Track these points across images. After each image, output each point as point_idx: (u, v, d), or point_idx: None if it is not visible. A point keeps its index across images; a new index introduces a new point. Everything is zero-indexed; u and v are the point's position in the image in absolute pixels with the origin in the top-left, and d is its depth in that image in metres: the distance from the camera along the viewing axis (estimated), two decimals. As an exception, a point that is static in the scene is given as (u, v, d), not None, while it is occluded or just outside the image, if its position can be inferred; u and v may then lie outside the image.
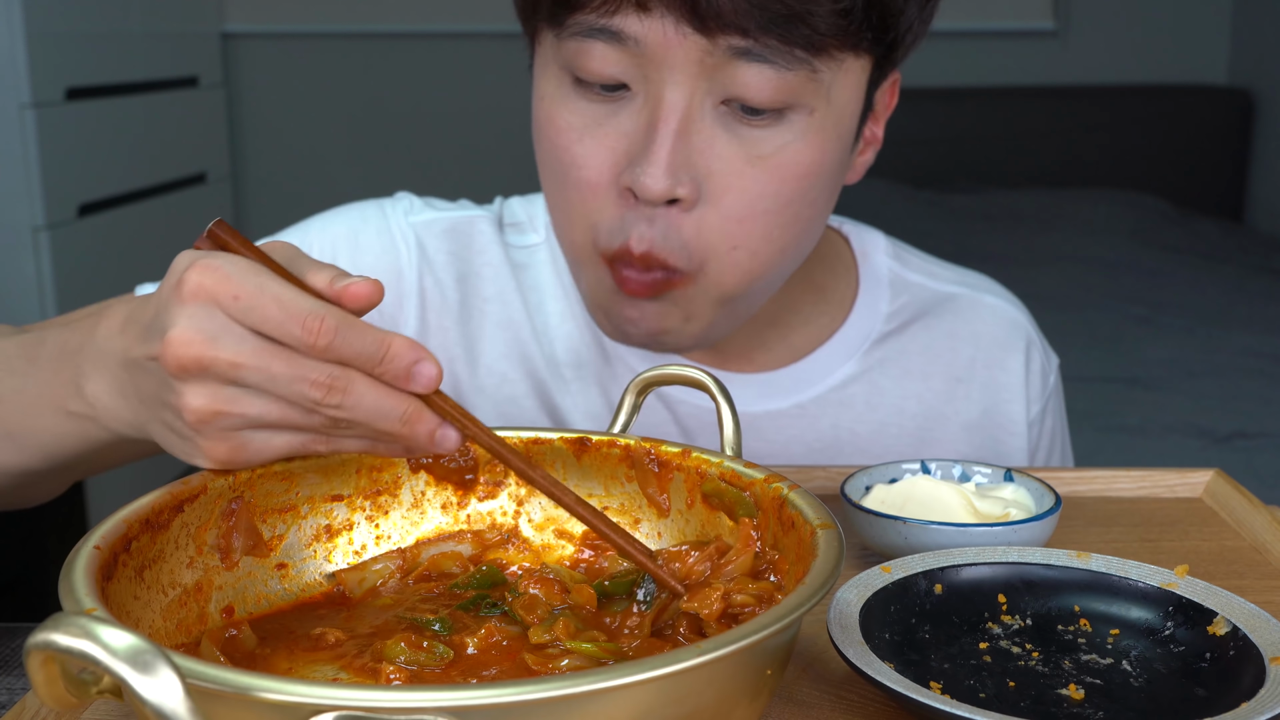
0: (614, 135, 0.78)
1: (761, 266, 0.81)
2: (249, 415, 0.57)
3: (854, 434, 0.96)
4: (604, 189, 0.79)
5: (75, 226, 2.52)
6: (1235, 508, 0.83)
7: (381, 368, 0.56)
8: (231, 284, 0.55)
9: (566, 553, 0.69)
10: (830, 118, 0.78)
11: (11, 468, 0.74)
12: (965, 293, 1.01)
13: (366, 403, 0.56)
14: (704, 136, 0.77)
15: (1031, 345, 1.01)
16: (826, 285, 0.98)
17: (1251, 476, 1.88)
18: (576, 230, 0.81)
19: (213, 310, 0.55)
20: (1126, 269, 2.93)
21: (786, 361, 0.96)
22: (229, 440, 0.58)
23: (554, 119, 0.80)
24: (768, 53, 0.74)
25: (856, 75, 0.79)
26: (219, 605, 0.61)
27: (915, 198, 3.24)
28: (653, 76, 0.76)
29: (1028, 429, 1.00)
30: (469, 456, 0.69)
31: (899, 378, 0.97)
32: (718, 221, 0.78)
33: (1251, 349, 2.44)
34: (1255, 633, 0.58)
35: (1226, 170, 3.55)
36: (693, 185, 0.77)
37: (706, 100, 0.76)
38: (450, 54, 3.49)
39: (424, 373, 0.56)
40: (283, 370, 0.55)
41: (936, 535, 0.71)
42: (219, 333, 0.55)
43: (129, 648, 0.38)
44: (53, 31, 2.45)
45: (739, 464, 0.64)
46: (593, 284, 0.83)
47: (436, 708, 0.41)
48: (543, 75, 0.82)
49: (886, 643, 0.60)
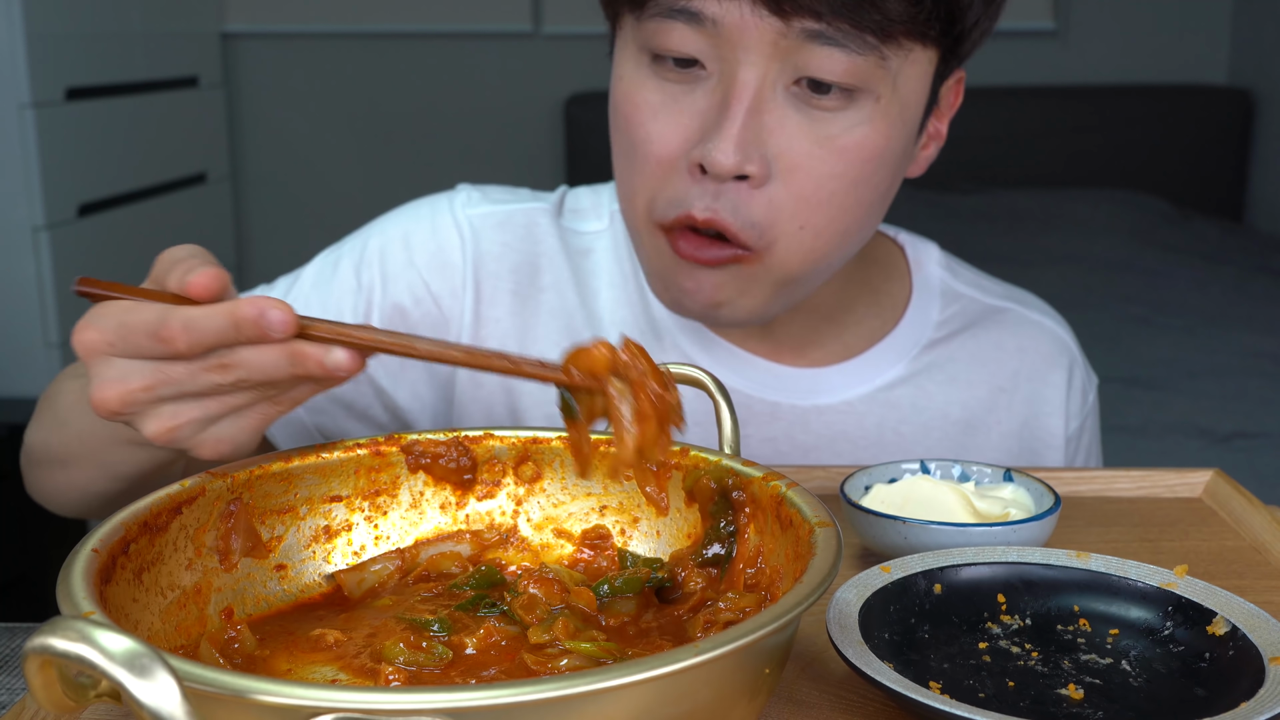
0: (688, 113, 0.81)
1: (825, 247, 0.83)
2: (196, 418, 0.62)
3: (899, 434, 0.98)
4: (674, 164, 0.81)
5: (75, 226, 2.52)
6: (1235, 508, 0.83)
7: (240, 336, 0.59)
8: (100, 333, 0.61)
9: (565, 552, 0.69)
10: (896, 105, 0.81)
11: (96, 489, 0.83)
12: (1014, 308, 1.04)
13: (256, 365, 0.60)
14: (775, 116, 0.79)
15: (1075, 364, 1.04)
16: (881, 289, 1.01)
17: (1251, 476, 1.88)
18: (641, 204, 0.84)
19: (104, 359, 0.61)
20: (1126, 269, 2.93)
21: (839, 358, 0.98)
22: (204, 442, 0.63)
23: (631, 96, 0.83)
24: (840, 36, 0.76)
25: (923, 66, 0.82)
26: (218, 607, 0.61)
27: (915, 198, 3.23)
28: (728, 56, 0.78)
29: (1065, 444, 1.02)
30: (468, 456, 0.69)
31: (945, 384, 0.99)
32: (787, 199, 0.80)
33: (1251, 349, 2.44)
34: (1254, 633, 0.58)
35: (1226, 170, 3.54)
36: (762, 163, 0.79)
37: (779, 81, 0.79)
38: (450, 54, 3.49)
39: (274, 320, 0.59)
40: (181, 373, 0.61)
41: (936, 535, 0.71)
42: (123, 372, 0.61)
43: (126, 651, 0.38)
44: (53, 31, 2.45)
45: (737, 462, 0.64)
46: (652, 254, 0.86)
47: (434, 709, 0.40)
48: (621, 57, 0.85)
49: (886, 643, 0.60)
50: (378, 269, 0.96)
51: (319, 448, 0.66)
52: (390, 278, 0.96)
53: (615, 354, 0.60)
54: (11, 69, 2.36)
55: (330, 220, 2.05)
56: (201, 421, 0.62)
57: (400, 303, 0.96)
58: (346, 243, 1.00)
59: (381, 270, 0.96)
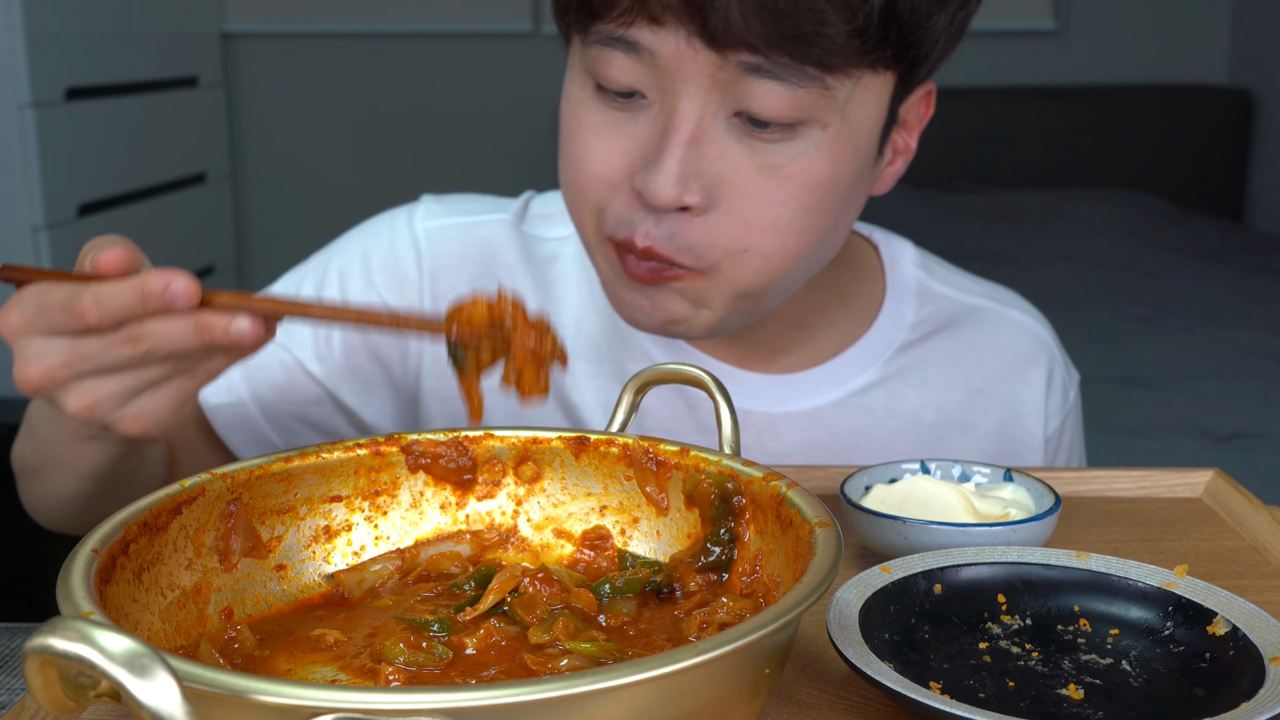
0: (630, 139, 0.80)
1: (775, 270, 0.82)
2: (113, 392, 0.64)
3: (871, 439, 0.97)
4: (617, 184, 0.80)
5: (75, 226, 2.52)
6: (1235, 508, 0.83)
7: (147, 307, 0.62)
8: (20, 314, 0.64)
9: (565, 552, 0.69)
10: (845, 132, 0.79)
11: (66, 492, 0.84)
12: (991, 306, 1.02)
13: (163, 336, 0.63)
14: (716, 146, 0.78)
15: (1054, 361, 1.02)
16: (851, 292, 0.99)
17: (1251, 476, 1.88)
18: (588, 217, 0.83)
19: (26, 338, 0.64)
20: (1126, 269, 2.93)
21: (808, 364, 0.97)
22: (124, 418, 0.65)
23: (576, 116, 0.82)
24: (779, 70, 0.74)
25: (876, 91, 0.79)
26: (218, 607, 0.61)
27: (915, 198, 3.24)
28: (667, 87, 0.77)
29: (1044, 444, 1.01)
30: (467, 456, 0.69)
31: (919, 386, 0.98)
32: (727, 226, 0.79)
33: (1251, 349, 2.44)
34: (1255, 633, 0.58)
35: (1226, 170, 3.55)
36: (703, 193, 0.78)
37: (719, 112, 0.77)
38: (450, 54, 3.49)
39: (178, 291, 0.62)
40: (95, 348, 0.63)
41: (936, 535, 0.71)
42: (43, 350, 0.64)
43: (126, 652, 0.38)
44: (53, 31, 2.45)
45: (737, 462, 0.64)
46: (605, 268, 0.85)
47: (434, 709, 0.40)
48: (570, 77, 0.84)
49: (886, 643, 0.60)
50: (337, 290, 0.97)
51: (319, 448, 0.66)
52: (351, 300, 0.97)
53: (493, 307, 0.64)
54: (11, 69, 2.36)
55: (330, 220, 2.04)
56: (119, 396, 0.64)
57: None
58: (310, 263, 1.01)
59: (342, 292, 0.97)
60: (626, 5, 0.75)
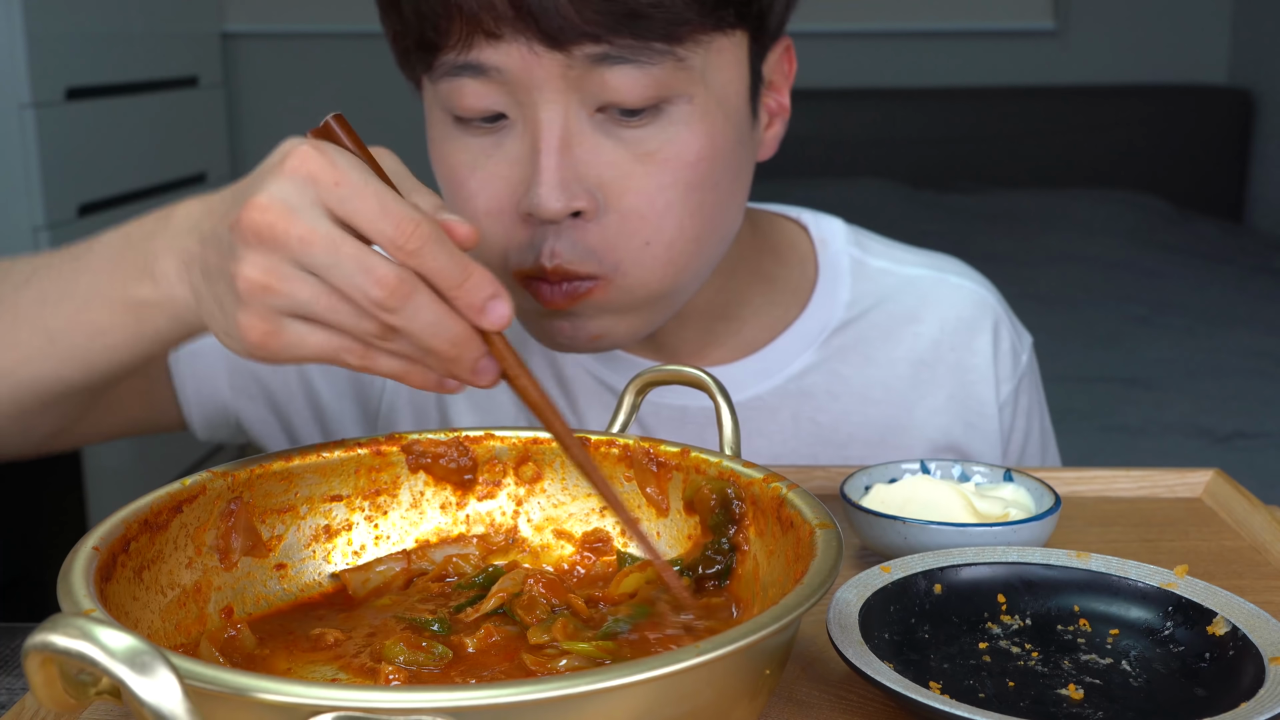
0: (504, 164, 0.78)
1: (680, 257, 0.80)
2: (298, 298, 0.56)
3: (816, 424, 0.95)
4: (506, 216, 0.79)
5: (75, 226, 2.52)
6: (1235, 508, 0.83)
7: (458, 291, 0.56)
8: (336, 171, 0.56)
9: (566, 553, 0.69)
10: (712, 101, 0.78)
11: (41, 379, 0.73)
12: (929, 274, 1.00)
13: (425, 315, 0.56)
14: (587, 147, 0.77)
15: (1000, 324, 1.00)
16: (779, 276, 0.97)
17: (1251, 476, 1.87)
18: (492, 258, 0.81)
19: (306, 188, 0.56)
20: (1126, 269, 2.93)
21: (740, 355, 0.95)
22: (268, 321, 0.57)
23: (446, 159, 0.81)
24: (627, 53, 0.74)
25: (732, 53, 0.79)
26: (218, 606, 0.61)
27: (915, 198, 3.24)
28: (524, 100, 0.76)
29: (999, 411, 0.98)
30: (468, 456, 0.69)
31: (861, 365, 0.96)
32: (623, 224, 0.78)
33: (1251, 349, 2.44)
34: (1255, 633, 0.58)
35: (1226, 170, 3.55)
36: (589, 196, 0.77)
37: (581, 111, 0.76)
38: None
39: (497, 309, 0.57)
40: (351, 256, 0.55)
41: (936, 535, 0.71)
42: (303, 207, 0.55)
43: (127, 649, 0.38)
44: (53, 31, 2.44)
45: (737, 463, 0.64)
46: (519, 306, 0.83)
47: (435, 708, 0.40)
48: (430, 120, 0.83)
49: (886, 643, 0.60)
50: None
51: (319, 447, 0.66)
52: None
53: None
54: (11, 69, 2.35)
55: (330, 220, 2.05)
56: (295, 304, 0.56)
57: None
58: None
59: None
60: (461, 29, 0.74)
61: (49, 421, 0.80)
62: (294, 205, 0.55)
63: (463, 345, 0.57)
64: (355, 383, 0.98)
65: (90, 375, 0.72)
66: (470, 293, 0.56)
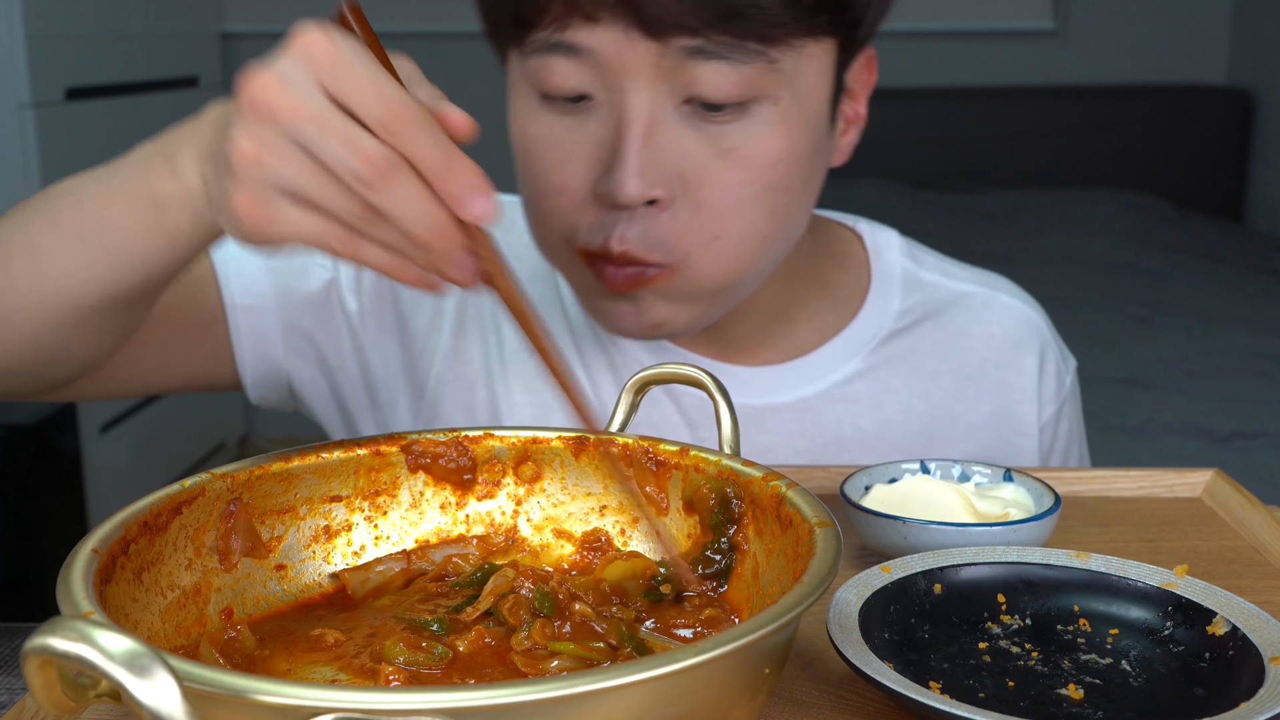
0: (585, 144, 0.79)
1: (747, 255, 0.82)
2: (287, 174, 0.56)
3: (859, 430, 0.96)
4: (581, 195, 0.80)
5: (75, 227, 2.52)
6: (1235, 508, 0.83)
7: (440, 177, 0.55)
8: (336, 52, 0.55)
9: (566, 552, 0.69)
10: (796, 105, 0.79)
11: (75, 284, 0.72)
12: (980, 291, 1.01)
13: (407, 198, 0.55)
14: (671, 137, 0.78)
15: (1047, 347, 1.01)
16: (834, 282, 0.98)
17: (1251, 476, 1.88)
18: (554, 235, 0.82)
19: (304, 66, 0.55)
20: (1126, 269, 2.93)
21: (790, 356, 0.96)
22: (259, 197, 0.57)
23: (527, 134, 0.82)
24: (721, 49, 0.74)
25: (820, 59, 0.80)
26: (218, 607, 0.61)
27: (915, 198, 3.24)
28: (613, 85, 0.77)
29: (1039, 432, 0.99)
30: (467, 456, 0.69)
31: (907, 376, 0.97)
32: (695, 216, 0.79)
33: (1251, 349, 2.44)
34: (1254, 633, 0.58)
35: (1226, 170, 3.55)
36: (666, 185, 0.78)
37: (669, 102, 0.77)
38: (450, 54, 3.49)
39: (479, 201, 0.56)
40: (339, 132, 0.55)
41: (936, 535, 0.71)
42: (297, 82, 0.55)
43: (126, 652, 0.38)
44: (53, 31, 2.44)
45: (737, 462, 0.64)
46: (579, 280, 0.85)
47: (434, 709, 0.40)
48: (514, 94, 0.83)
49: (886, 642, 0.60)
50: None
51: (319, 447, 0.66)
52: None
53: None
54: (11, 69, 2.35)
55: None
56: (284, 180, 0.56)
57: None
58: None
59: None
60: (559, 9, 0.75)
61: (90, 342, 0.77)
62: (289, 80, 0.55)
63: (443, 234, 0.56)
64: (407, 356, 0.97)
65: (119, 280, 0.71)
66: (452, 181, 0.55)
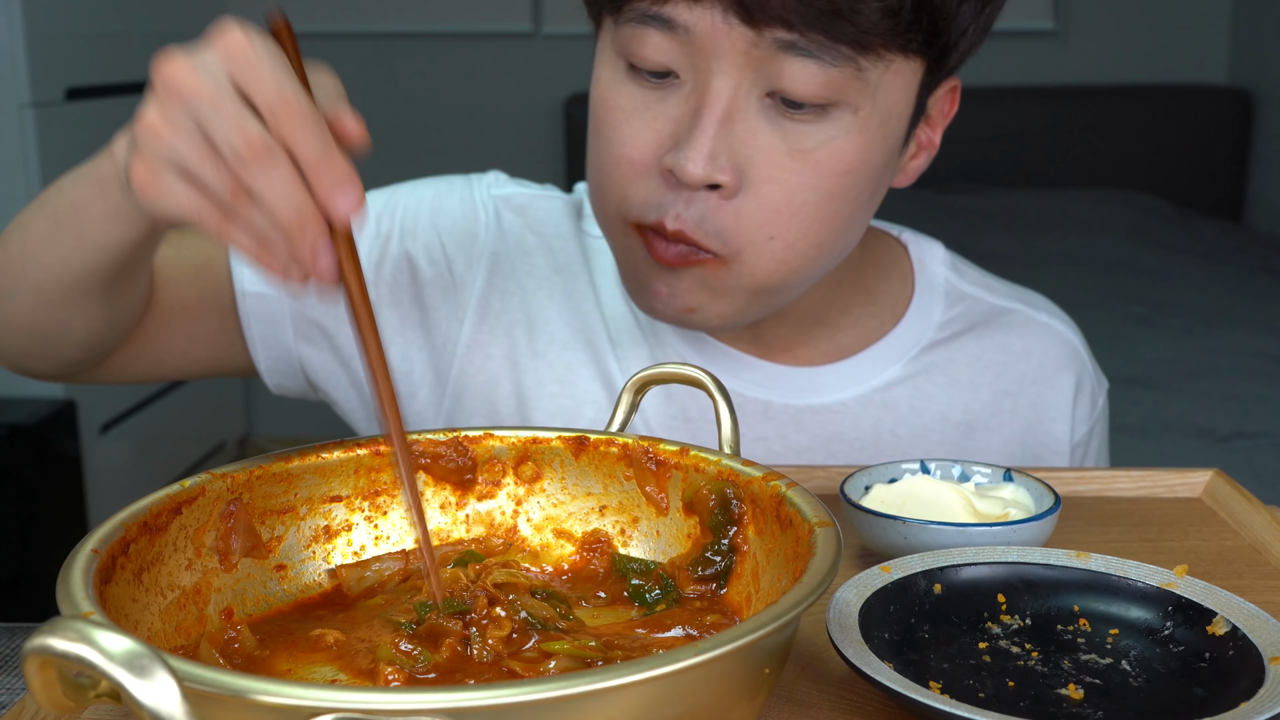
0: (661, 119, 0.80)
1: (798, 259, 0.82)
2: (178, 147, 0.58)
3: (896, 436, 0.97)
4: (646, 168, 0.81)
5: (75, 227, 2.52)
6: (1235, 508, 0.83)
7: (314, 169, 0.57)
8: (249, 48, 0.58)
9: (565, 552, 0.69)
10: (876, 117, 0.79)
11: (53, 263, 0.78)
12: (1022, 309, 1.02)
13: (278, 180, 0.57)
14: (747, 126, 0.78)
15: (1084, 369, 1.02)
16: (879, 289, 0.99)
17: (1251, 476, 1.88)
18: (613, 202, 0.83)
19: (217, 54, 0.58)
20: (1126, 269, 2.93)
21: (832, 359, 0.97)
22: (151, 168, 0.59)
23: (606, 99, 0.83)
24: (813, 48, 0.75)
25: (906, 77, 0.80)
26: (218, 607, 0.61)
27: (915, 198, 3.23)
28: (700, 65, 0.78)
29: (1070, 450, 1.01)
30: (467, 456, 0.69)
31: (946, 386, 0.98)
32: (756, 210, 0.80)
33: (1251, 349, 2.44)
34: (1254, 633, 0.58)
35: (1226, 170, 3.55)
36: (733, 173, 0.78)
37: (752, 92, 0.78)
38: (450, 54, 3.49)
39: (346, 196, 0.57)
40: (231, 114, 0.57)
41: (936, 535, 0.71)
42: (208, 67, 0.58)
43: (126, 652, 0.38)
44: (53, 31, 2.44)
45: (737, 462, 0.64)
46: (624, 253, 0.86)
47: (434, 709, 0.40)
48: (601, 60, 0.84)
49: (886, 642, 0.60)
50: (398, 220, 0.98)
51: (318, 447, 0.66)
52: (408, 232, 0.98)
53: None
54: (11, 69, 2.35)
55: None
56: (172, 153, 0.58)
57: (412, 254, 0.97)
58: (370, 194, 1.00)
59: (401, 223, 0.98)
60: None
61: (82, 320, 0.82)
62: (200, 64, 0.58)
63: (306, 225, 0.57)
64: (430, 349, 0.98)
65: (87, 261, 0.76)
66: (325, 174, 0.57)
